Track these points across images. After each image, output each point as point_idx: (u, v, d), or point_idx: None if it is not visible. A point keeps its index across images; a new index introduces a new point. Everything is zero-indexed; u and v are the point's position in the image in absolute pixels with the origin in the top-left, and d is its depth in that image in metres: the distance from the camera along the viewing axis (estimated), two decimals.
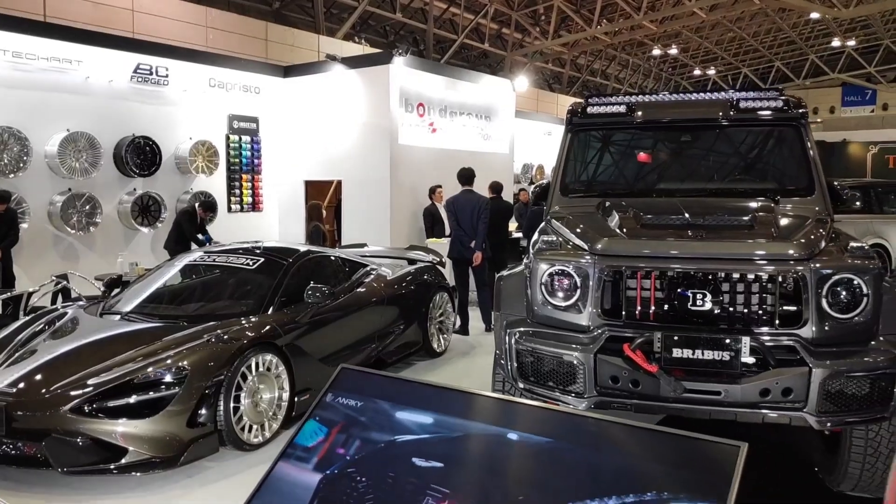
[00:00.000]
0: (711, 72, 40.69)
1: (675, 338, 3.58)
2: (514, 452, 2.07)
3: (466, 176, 8.44)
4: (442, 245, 9.19)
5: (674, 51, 34.82)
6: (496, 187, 9.40)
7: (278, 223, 11.96)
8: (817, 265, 3.61)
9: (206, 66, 10.96)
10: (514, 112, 13.58)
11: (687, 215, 4.16)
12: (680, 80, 43.08)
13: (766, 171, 5.09)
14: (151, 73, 10.16)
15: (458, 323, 8.10)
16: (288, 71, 12.02)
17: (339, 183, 11.35)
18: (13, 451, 4.13)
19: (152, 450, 4.17)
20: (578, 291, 3.86)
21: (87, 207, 9.27)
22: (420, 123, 11.09)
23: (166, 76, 10.34)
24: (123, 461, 4.11)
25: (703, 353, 3.55)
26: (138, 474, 4.21)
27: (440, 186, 10.29)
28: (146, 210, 9.96)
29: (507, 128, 13.01)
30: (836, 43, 34.66)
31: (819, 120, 37.34)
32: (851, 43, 35.10)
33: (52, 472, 4.10)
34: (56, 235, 9.22)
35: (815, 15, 27.99)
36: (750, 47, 37.39)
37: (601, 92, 37.15)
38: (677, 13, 27.12)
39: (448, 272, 8.31)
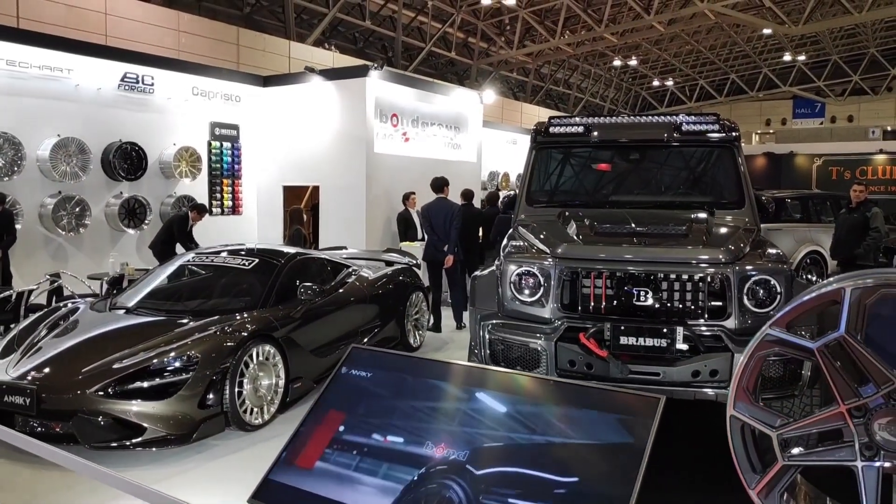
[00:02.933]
0: (670, 83, 41.87)
1: (622, 328, 4.28)
2: (495, 402, 2.72)
3: (438, 184, 9.07)
4: (415, 248, 9.80)
5: (634, 62, 35.96)
6: (467, 195, 10.06)
7: (257, 226, 12.44)
8: (739, 268, 4.35)
9: (189, 75, 11.40)
10: (482, 122, 14.28)
11: (633, 224, 4.88)
12: (639, 90, 44.27)
13: (703, 186, 5.83)
14: (138, 82, 10.59)
15: (432, 321, 8.71)
16: (267, 81, 12.51)
17: (317, 188, 11.89)
18: (41, 430, 4.64)
19: (167, 428, 4.70)
20: (542, 289, 4.55)
21: (77, 210, 9.67)
22: (394, 133, 11.70)
23: (152, 85, 10.78)
24: (142, 438, 4.63)
25: (644, 341, 4.26)
26: (155, 450, 4.74)
27: (413, 193, 10.88)
28: (132, 213, 10.38)
29: (474, 137, 13.69)
30: (787, 57, 36.13)
31: (771, 131, 38.81)
32: (802, 58, 36.63)
33: (77, 447, 4.59)
34: (47, 236, 9.60)
35: (767, 31, 29.30)
36: (707, 60, 38.70)
37: (563, 101, 38.14)
38: (637, 26, 28.11)
39: (422, 274, 8.93)
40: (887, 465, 2.17)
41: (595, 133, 5.79)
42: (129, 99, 10.51)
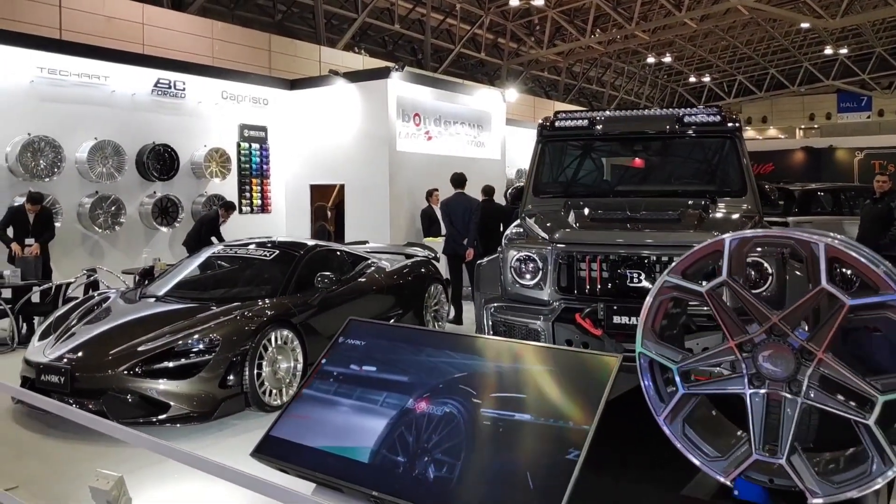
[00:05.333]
0: (706, 79, 41.37)
1: (615, 308, 4.45)
2: (479, 366, 2.95)
3: (458, 180, 9.31)
4: (438, 243, 10.04)
5: (668, 59, 35.66)
6: (488, 190, 10.25)
7: (285, 223, 12.83)
8: None
9: (218, 80, 11.89)
10: (507, 120, 14.46)
11: (628, 212, 5.04)
12: (676, 87, 43.84)
13: (706, 176, 5.93)
14: (170, 87, 11.08)
15: (453, 313, 8.93)
16: (294, 84, 12.93)
17: (342, 186, 12.23)
18: (75, 407, 4.97)
19: (190, 406, 5.03)
20: (540, 273, 4.75)
21: (113, 209, 10.18)
22: (416, 132, 11.99)
23: (183, 89, 11.26)
24: (167, 415, 4.97)
25: (637, 320, 4.40)
26: (178, 426, 5.05)
27: (436, 189, 11.12)
28: (165, 211, 10.86)
29: (498, 135, 13.89)
30: (828, 51, 35.37)
31: (816, 126, 38.09)
32: (844, 51, 35.80)
33: None
34: (84, 234, 10.12)
35: (805, 24, 28.84)
36: (744, 55, 38.13)
37: (597, 99, 38.02)
38: (669, 23, 27.95)
39: (444, 267, 9.16)
40: (770, 391, 2.47)
41: (599, 127, 5.95)
42: (162, 103, 11.00)
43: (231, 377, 5.26)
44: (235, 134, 12.10)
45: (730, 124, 5.67)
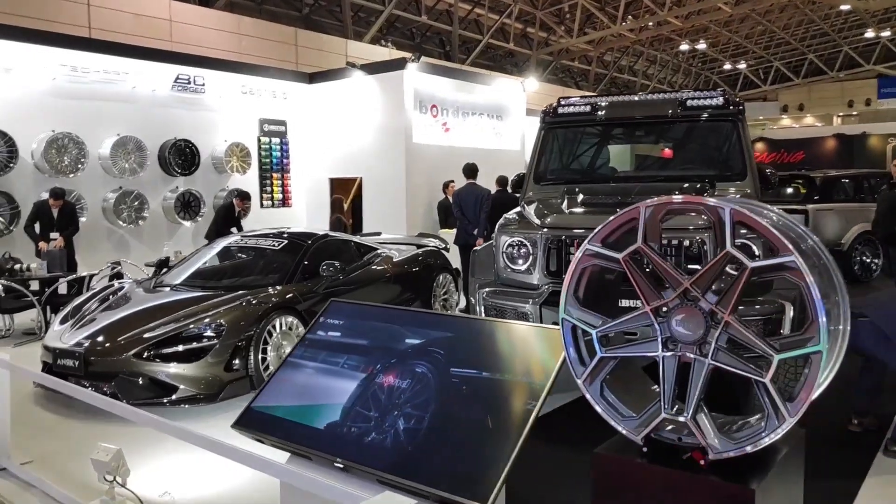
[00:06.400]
0: (742, 66, 40.57)
1: None
2: (450, 336, 3.09)
3: (470, 170, 9.39)
4: (454, 234, 10.14)
5: (702, 46, 35.03)
6: (502, 181, 10.32)
7: (306, 217, 13.06)
8: None
9: (238, 74, 12.15)
10: (533, 111, 14.44)
11: (620, 197, 5.07)
12: (710, 74, 43.07)
13: (707, 160, 5.92)
14: (190, 83, 11.37)
15: (463, 302, 9.03)
16: (312, 78, 13.12)
17: (361, 179, 12.39)
18: (90, 389, 5.22)
19: (197, 388, 5.24)
20: (531, 257, 4.83)
21: (136, 203, 10.52)
22: (434, 123, 12.07)
23: (203, 85, 11.53)
24: (175, 396, 5.19)
25: (622, 302, 4.45)
26: (186, 406, 5.26)
27: (453, 181, 11.20)
28: (187, 205, 11.15)
29: (517, 125, 13.89)
30: (869, 34, 34.36)
31: (854, 113, 37.07)
32: (886, 34, 34.72)
33: None
34: (109, 228, 10.47)
35: (845, 6, 28.04)
36: (781, 40, 37.24)
37: (629, 88, 37.59)
38: (703, 7, 27.42)
39: (456, 258, 9.25)
40: (682, 354, 2.59)
41: (601, 112, 5.97)
42: (182, 99, 11.29)
43: (236, 361, 5.46)
44: (255, 128, 12.34)
45: (732, 107, 5.65)
